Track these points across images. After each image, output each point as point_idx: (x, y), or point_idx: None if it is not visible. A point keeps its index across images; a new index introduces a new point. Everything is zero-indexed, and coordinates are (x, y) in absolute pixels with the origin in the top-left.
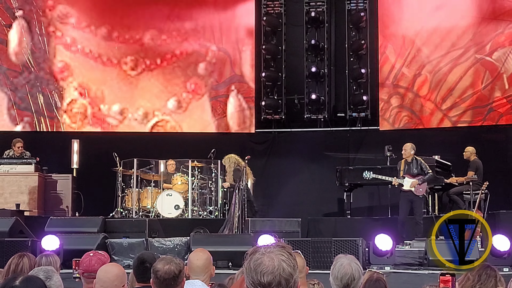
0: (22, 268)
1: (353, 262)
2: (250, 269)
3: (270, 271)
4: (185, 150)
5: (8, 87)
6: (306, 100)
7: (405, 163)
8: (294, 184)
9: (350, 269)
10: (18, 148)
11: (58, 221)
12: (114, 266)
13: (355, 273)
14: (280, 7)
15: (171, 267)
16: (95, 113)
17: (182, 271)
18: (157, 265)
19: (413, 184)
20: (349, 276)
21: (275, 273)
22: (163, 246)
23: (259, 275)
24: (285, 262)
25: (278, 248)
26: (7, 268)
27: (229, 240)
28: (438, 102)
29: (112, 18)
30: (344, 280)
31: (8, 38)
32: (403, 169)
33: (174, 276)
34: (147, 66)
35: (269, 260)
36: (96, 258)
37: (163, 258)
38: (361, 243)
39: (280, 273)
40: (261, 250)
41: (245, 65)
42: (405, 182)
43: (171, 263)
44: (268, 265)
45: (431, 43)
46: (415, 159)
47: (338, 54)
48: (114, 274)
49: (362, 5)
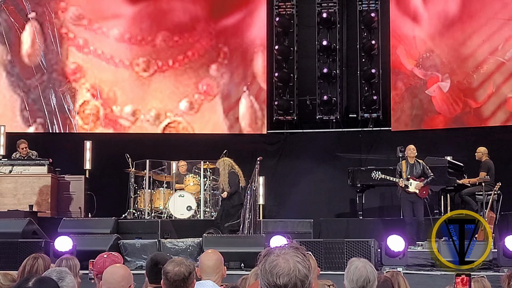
0: (37, 269)
1: (368, 265)
2: (265, 271)
3: (286, 273)
4: (197, 151)
5: (21, 88)
6: (318, 101)
7: (407, 164)
8: (306, 185)
9: (365, 271)
10: (23, 149)
11: (71, 222)
12: (120, 267)
13: (370, 275)
14: (292, 8)
15: (181, 269)
16: (107, 114)
17: (192, 273)
18: (167, 267)
19: (418, 186)
20: (364, 278)
21: (291, 275)
22: (176, 247)
23: (274, 277)
24: (300, 264)
25: (293, 250)
26: (22, 269)
27: (241, 241)
28: (450, 102)
29: (124, 20)
30: (359, 283)
31: (21, 40)
32: (405, 170)
33: (184, 278)
34: (159, 68)
35: (284, 262)
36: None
37: (173, 260)
38: (373, 244)
39: (295, 275)
40: (275, 251)
41: (257, 66)
42: (410, 184)
43: (181, 265)
44: (284, 267)
45: (443, 44)
46: (417, 161)
47: (350, 55)
48: (120, 275)
49: (373, 5)
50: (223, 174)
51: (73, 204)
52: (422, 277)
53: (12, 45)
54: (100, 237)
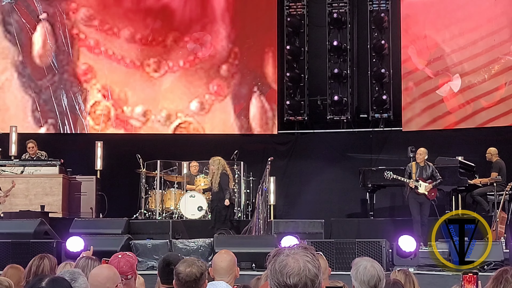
0: (43, 270)
1: (375, 263)
2: (275, 271)
3: (296, 272)
4: (208, 151)
5: (32, 89)
6: (329, 101)
7: (417, 166)
8: (317, 185)
9: (374, 270)
10: (30, 148)
11: (83, 223)
12: (104, 268)
13: (379, 273)
14: (303, 8)
15: (193, 270)
16: (118, 115)
17: (203, 274)
18: (179, 267)
19: (427, 188)
20: (376, 277)
21: (301, 275)
22: (187, 248)
23: (284, 276)
24: (310, 263)
25: (302, 250)
26: (28, 269)
27: (253, 241)
28: (461, 102)
29: (135, 20)
30: (372, 283)
31: (32, 41)
32: (415, 172)
33: (195, 279)
34: (170, 68)
35: (294, 261)
36: (124, 260)
37: (185, 260)
38: (384, 245)
39: (306, 275)
40: (285, 251)
41: (267, 67)
42: (420, 185)
43: (192, 265)
44: (294, 267)
45: (454, 44)
46: (427, 164)
47: (360, 55)
48: (104, 276)
49: (384, 5)
50: (216, 174)
51: (85, 204)
52: (434, 278)
53: (23, 46)
54: (112, 238)
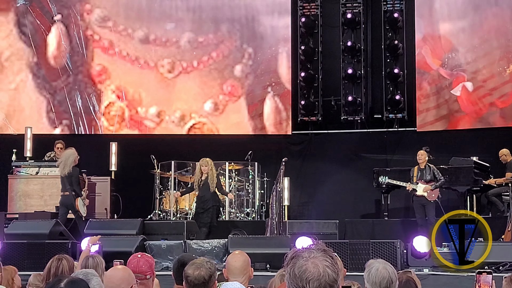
0: (62, 271)
1: (387, 266)
2: (294, 275)
3: (316, 277)
4: (222, 152)
5: (47, 90)
6: (343, 101)
7: (418, 170)
8: (331, 185)
9: (386, 272)
10: (58, 149)
11: (97, 223)
12: (117, 269)
13: (392, 276)
14: (317, 9)
15: (201, 273)
16: (132, 115)
17: (213, 275)
18: (187, 270)
19: (426, 189)
20: (387, 280)
21: (321, 280)
22: (201, 248)
23: (304, 282)
24: (330, 268)
25: (321, 253)
26: (47, 271)
27: (267, 242)
28: (476, 102)
29: (149, 21)
30: (383, 285)
31: (47, 42)
32: (416, 175)
33: (204, 282)
34: (184, 69)
35: (313, 266)
36: (143, 260)
37: (194, 263)
38: (399, 245)
39: (325, 280)
40: (304, 255)
41: (281, 67)
42: (418, 188)
43: (201, 268)
44: (313, 272)
45: (469, 44)
46: (427, 166)
47: (374, 55)
48: (119, 277)
49: (398, 6)
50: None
51: (99, 205)
52: (448, 278)
53: (38, 47)
54: (126, 238)
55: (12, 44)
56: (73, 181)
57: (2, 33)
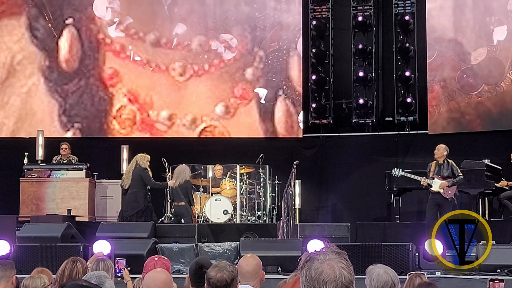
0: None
1: (388, 270)
2: (311, 278)
3: (332, 279)
4: (233, 155)
5: (58, 94)
6: (354, 104)
7: (436, 165)
8: (342, 188)
9: (388, 276)
10: (63, 149)
11: (109, 226)
12: (161, 272)
13: (393, 279)
14: (328, 12)
15: (223, 276)
16: (144, 119)
17: (235, 279)
18: (210, 272)
19: (442, 186)
20: (389, 283)
21: (337, 282)
22: (213, 251)
23: (321, 283)
24: (345, 270)
25: (336, 256)
26: (61, 273)
27: (279, 245)
28: (488, 105)
29: (160, 24)
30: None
31: (58, 45)
32: (433, 170)
33: (225, 285)
34: (195, 72)
35: (329, 268)
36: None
37: (217, 265)
38: (411, 248)
39: (342, 281)
40: (319, 258)
41: (292, 70)
42: (434, 183)
43: (223, 271)
44: (330, 274)
45: (478, 45)
46: (446, 162)
47: (386, 58)
48: (162, 280)
49: (409, 8)
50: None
51: (111, 208)
52: (461, 281)
53: (50, 51)
54: (138, 241)
55: (24, 47)
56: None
57: (14, 37)
